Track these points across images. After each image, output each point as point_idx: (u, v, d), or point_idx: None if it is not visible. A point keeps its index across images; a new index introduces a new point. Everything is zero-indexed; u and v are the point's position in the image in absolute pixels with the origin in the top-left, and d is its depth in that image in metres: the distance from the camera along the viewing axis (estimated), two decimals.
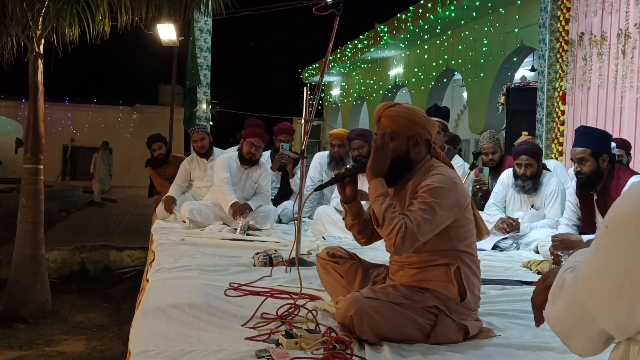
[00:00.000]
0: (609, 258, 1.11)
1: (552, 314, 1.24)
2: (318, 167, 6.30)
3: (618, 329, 1.13)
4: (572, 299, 1.17)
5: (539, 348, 2.37)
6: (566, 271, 1.23)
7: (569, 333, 1.21)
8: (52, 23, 6.79)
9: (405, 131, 2.56)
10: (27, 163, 6.92)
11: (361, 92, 19.52)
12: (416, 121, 2.58)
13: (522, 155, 4.88)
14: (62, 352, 5.66)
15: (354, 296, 2.34)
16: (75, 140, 24.07)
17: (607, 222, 1.14)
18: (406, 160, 2.57)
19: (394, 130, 2.56)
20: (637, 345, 1.14)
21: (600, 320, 1.13)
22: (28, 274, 6.75)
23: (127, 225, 11.89)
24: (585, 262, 1.16)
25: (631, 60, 6.30)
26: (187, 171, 6.24)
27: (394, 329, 2.32)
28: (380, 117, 2.61)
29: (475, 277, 2.56)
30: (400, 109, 2.60)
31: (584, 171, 4.04)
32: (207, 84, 8.68)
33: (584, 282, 1.15)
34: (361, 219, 2.75)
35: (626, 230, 1.09)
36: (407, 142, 2.57)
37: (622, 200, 1.13)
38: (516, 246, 4.85)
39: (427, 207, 2.37)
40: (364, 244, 2.85)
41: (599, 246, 1.14)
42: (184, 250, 4.23)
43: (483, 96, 12.58)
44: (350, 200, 2.71)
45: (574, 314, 1.18)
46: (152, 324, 2.48)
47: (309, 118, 4.10)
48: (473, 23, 12.70)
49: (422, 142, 2.59)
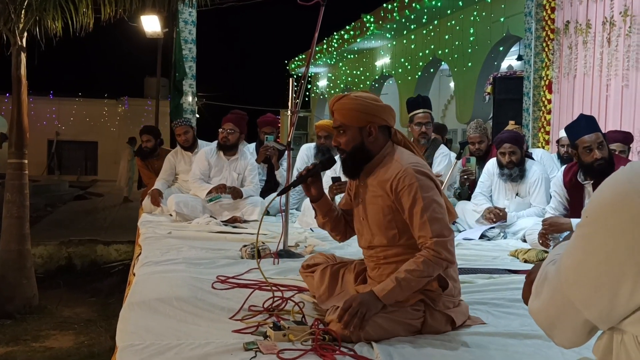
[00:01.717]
0: (589, 246, 1.12)
1: (536, 306, 1.24)
2: (305, 158, 6.28)
3: (601, 318, 1.13)
4: (555, 289, 1.17)
5: (526, 336, 2.38)
6: (549, 264, 1.24)
7: (553, 324, 1.21)
8: (35, 16, 6.71)
9: (356, 122, 2.52)
10: (12, 158, 6.86)
11: (348, 83, 19.49)
12: (366, 111, 2.52)
13: (505, 143, 4.88)
14: (50, 347, 5.62)
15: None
16: (60, 134, 23.89)
17: (587, 211, 1.14)
18: (362, 150, 2.53)
19: (344, 123, 2.53)
20: (620, 334, 1.14)
21: (583, 309, 1.13)
22: (14, 270, 6.70)
23: (113, 219, 11.82)
24: (567, 253, 1.16)
25: (616, 48, 6.33)
26: (172, 165, 6.22)
27: (387, 334, 2.31)
28: (333, 111, 2.58)
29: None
30: (348, 101, 2.54)
31: (605, 156, 3.86)
32: (193, 76, 8.63)
33: (566, 272, 1.15)
34: (332, 216, 2.74)
35: (605, 219, 1.10)
36: (360, 133, 2.53)
37: (600, 190, 1.14)
38: (503, 235, 4.87)
39: (427, 207, 2.36)
40: (340, 240, 2.85)
41: (579, 236, 1.15)
42: (171, 243, 4.20)
43: (470, 86, 12.60)
44: (316, 199, 2.70)
45: (557, 305, 1.18)
46: (139, 318, 2.46)
47: (295, 109, 4.09)
48: (459, 12, 12.70)
49: (376, 131, 2.53)
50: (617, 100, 6.28)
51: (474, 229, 4.90)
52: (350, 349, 2.16)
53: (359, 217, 2.63)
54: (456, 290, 2.54)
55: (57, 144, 23.84)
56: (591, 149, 3.87)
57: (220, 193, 5.40)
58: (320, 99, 23.29)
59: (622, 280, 1.07)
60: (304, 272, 2.91)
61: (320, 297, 2.68)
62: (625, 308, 1.09)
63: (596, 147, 3.86)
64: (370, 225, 2.56)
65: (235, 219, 5.36)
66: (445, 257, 2.34)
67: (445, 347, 2.26)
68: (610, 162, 3.88)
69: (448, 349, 2.24)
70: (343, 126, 2.54)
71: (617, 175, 1.12)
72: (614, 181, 1.12)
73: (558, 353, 2.18)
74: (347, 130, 2.53)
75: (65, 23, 6.87)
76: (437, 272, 2.36)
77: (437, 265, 2.34)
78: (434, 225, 2.35)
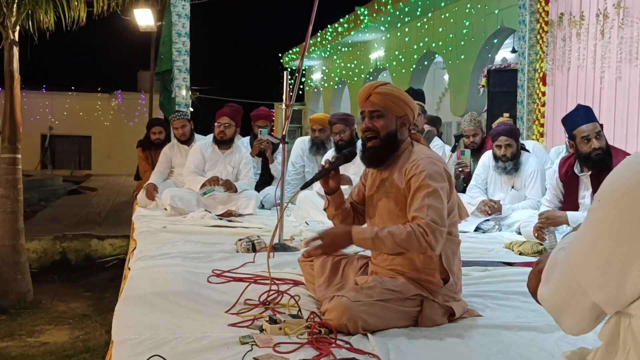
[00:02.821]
0: (600, 230, 1.12)
1: (545, 292, 1.25)
2: (299, 152, 6.28)
3: (609, 301, 1.14)
4: (564, 273, 1.18)
5: (521, 328, 2.39)
6: (558, 251, 1.25)
7: (562, 309, 1.21)
8: (27, 10, 6.67)
9: (395, 110, 2.58)
10: (5, 152, 6.83)
11: (342, 76, 19.46)
12: (406, 101, 2.61)
13: (501, 136, 4.89)
14: (45, 342, 5.61)
15: (342, 303, 2.30)
16: (54, 129, 23.79)
17: (599, 195, 1.15)
18: (394, 139, 2.59)
19: (385, 107, 2.57)
20: (627, 318, 1.15)
21: (591, 292, 1.14)
22: (8, 265, 6.68)
23: (108, 213, 11.79)
24: (578, 237, 1.17)
25: (609, 40, 6.33)
26: (168, 158, 6.21)
27: (384, 323, 2.33)
28: (370, 95, 2.60)
29: (456, 259, 2.57)
30: (393, 88, 2.63)
31: (602, 146, 3.89)
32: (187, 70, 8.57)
33: (576, 255, 1.16)
34: (343, 209, 2.75)
35: (617, 202, 1.10)
36: (395, 122, 2.59)
37: (613, 174, 1.14)
38: (498, 227, 4.88)
39: (431, 194, 2.39)
40: None
41: (591, 219, 1.15)
42: (166, 237, 4.20)
43: (464, 78, 12.59)
44: (333, 191, 2.72)
45: (566, 289, 1.19)
46: (135, 313, 2.46)
47: (289, 103, 4.08)
48: (453, 5, 12.68)
49: (409, 123, 2.62)
50: (611, 93, 6.29)
51: (469, 222, 4.90)
52: (346, 342, 2.17)
53: (372, 205, 2.67)
54: (457, 287, 2.56)
55: (50, 138, 23.73)
56: (589, 139, 3.89)
57: (214, 185, 5.40)
58: (315, 92, 23.25)
59: (631, 263, 1.08)
60: (304, 260, 2.91)
61: (319, 286, 2.69)
62: (633, 291, 1.10)
63: (594, 137, 3.89)
64: (382, 213, 2.60)
65: (230, 212, 5.35)
66: (429, 240, 2.33)
67: (441, 339, 2.27)
68: (607, 153, 3.90)
69: (444, 341, 2.25)
70: (381, 111, 2.58)
71: (629, 161, 1.13)
72: (626, 166, 1.13)
73: (553, 344, 2.19)
74: (385, 116, 2.58)
75: (57, 17, 6.84)
76: (413, 250, 2.36)
77: (418, 244, 2.33)
78: (432, 211, 2.37)
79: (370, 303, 2.32)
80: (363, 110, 2.62)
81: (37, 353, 5.33)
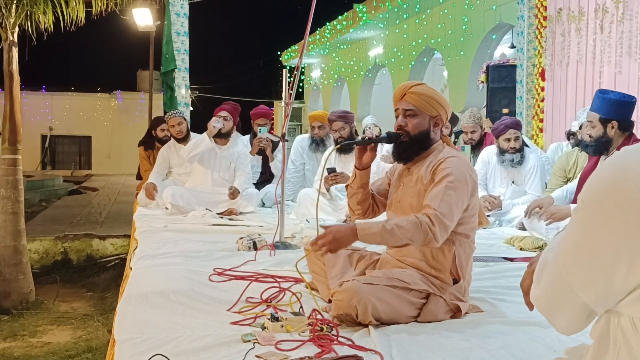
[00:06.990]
0: (585, 230, 1.13)
1: (537, 293, 1.26)
2: (299, 149, 6.28)
3: (598, 301, 1.15)
4: (554, 275, 1.19)
5: (522, 323, 2.39)
6: (548, 252, 1.25)
7: (553, 310, 1.22)
8: (26, 10, 6.67)
9: (430, 110, 2.62)
10: (5, 153, 6.83)
11: (341, 73, 19.44)
12: (440, 102, 2.65)
13: (511, 129, 4.93)
14: (48, 342, 5.62)
15: (353, 285, 2.32)
16: (54, 129, 23.79)
17: (582, 196, 1.16)
18: (426, 138, 2.63)
19: (418, 107, 2.62)
20: (616, 316, 1.16)
21: (580, 293, 1.15)
22: (10, 265, 6.69)
23: (108, 213, 11.80)
24: (564, 238, 1.18)
25: (609, 35, 6.32)
26: (165, 158, 6.17)
27: (390, 310, 2.35)
28: (405, 94, 2.64)
29: (469, 264, 2.61)
30: (426, 88, 2.68)
31: (592, 135, 4.12)
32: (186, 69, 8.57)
33: (563, 256, 1.17)
34: (365, 190, 2.78)
35: (599, 202, 1.11)
36: (429, 121, 2.63)
37: (595, 174, 1.15)
38: (499, 223, 4.88)
39: (448, 188, 2.42)
40: (359, 216, 2.85)
41: (575, 220, 1.16)
42: (167, 236, 4.20)
43: (463, 74, 12.58)
44: (364, 167, 2.74)
45: (556, 290, 1.19)
46: (137, 312, 2.46)
47: (289, 101, 4.08)
48: (452, 1, 12.66)
49: (442, 123, 2.67)
50: (611, 87, 6.27)
51: None
52: (348, 339, 2.17)
53: (396, 199, 2.70)
54: (465, 292, 2.58)
55: (50, 139, 23.73)
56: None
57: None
58: (314, 90, 23.23)
59: (617, 263, 1.08)
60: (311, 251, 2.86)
61: (332, 278, 2.69)
62: (621, 289, 1.11)
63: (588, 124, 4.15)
64: (405, 208, 2.62)
65: (231, 211, 5.35)
66: (435, 231, 2.36)
67: (443, 335, 2.28)
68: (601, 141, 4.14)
69: (445, 337, 2.25)
70: (415, 110, 2.62)
71: (612, 160, 1.14)
72: (608, 166, 1.13)
73: (555, 339, 2.20)
74: (418, 115, 2.62)
75: (56, 17, 6.84)
76: (418, 240, 2.39)
77: (423, 234, 2.36)
78: (444, 205, 2.40)
79: (380, 287, 2.35)
80: (397, 108, 2.68)
81: (39, 353, 5.34)
